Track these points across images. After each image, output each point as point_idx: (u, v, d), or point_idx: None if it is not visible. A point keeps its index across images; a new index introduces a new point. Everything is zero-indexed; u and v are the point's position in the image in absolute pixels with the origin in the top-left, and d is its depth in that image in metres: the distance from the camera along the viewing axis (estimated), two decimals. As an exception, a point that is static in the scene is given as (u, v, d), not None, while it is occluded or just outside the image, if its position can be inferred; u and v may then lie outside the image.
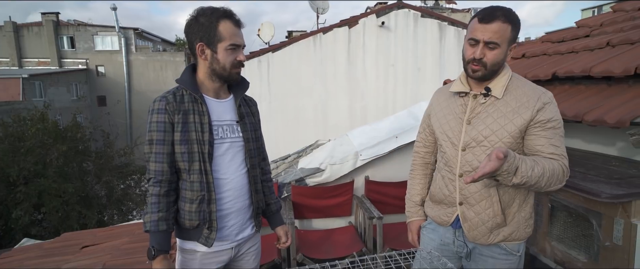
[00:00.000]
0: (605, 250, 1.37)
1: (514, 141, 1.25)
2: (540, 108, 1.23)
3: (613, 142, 1.82)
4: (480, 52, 1.23)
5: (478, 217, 1.32)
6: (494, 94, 1.28)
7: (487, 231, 1.32)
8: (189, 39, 1.36)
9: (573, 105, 1.82)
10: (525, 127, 1.24)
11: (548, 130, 1.23)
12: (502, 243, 1.33)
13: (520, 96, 1.26)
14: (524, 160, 1.11)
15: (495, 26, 1.20)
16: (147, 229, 1.30)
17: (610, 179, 1.43)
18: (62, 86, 19.53)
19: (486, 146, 1.28)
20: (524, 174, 1.09)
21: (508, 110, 1.26)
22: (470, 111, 1.32)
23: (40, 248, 2.59)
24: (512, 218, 1.32)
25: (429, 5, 26.98)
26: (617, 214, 1.31)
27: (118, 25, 20.99)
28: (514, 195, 1.31)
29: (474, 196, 1.32)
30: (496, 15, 1.20)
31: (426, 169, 1.58)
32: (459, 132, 1.33)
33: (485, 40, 1.21)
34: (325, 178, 2.96)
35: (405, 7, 6.97)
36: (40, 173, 8.05)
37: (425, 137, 1.55)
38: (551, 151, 1.21)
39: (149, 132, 1.31)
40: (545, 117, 1.23)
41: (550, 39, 2.78)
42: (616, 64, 1.76)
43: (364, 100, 7.23)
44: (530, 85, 1.30)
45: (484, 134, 1.28)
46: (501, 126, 1.26)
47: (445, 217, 1.41)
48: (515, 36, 1.25)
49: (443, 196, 1.41)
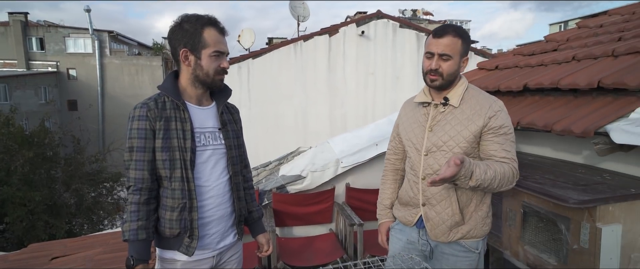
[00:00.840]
0: (573, 253, 1.45)
1: (469, 146, 1.39)
2: (492, 116, 1.37)
3: (579, 151, 1.93)
4: (435, 63, 1.38)
5: (439, 216, 1.45)
6: (452, 103, 1.42)
7: (447, 230, 1.44)
8: (172, 45, 1.35)
9: (543, 115, 1.92)
10: (479, 133, 1.38)
11: (500, 136, 1.37)
12: (461, 241, 1.45)
13: (474, 105, 1.40)
14: (478, 165, 1.24)
15: (446, 40, 1.36)
16: (126, 238, 1.27)
17: (577, 185, 1.52)
18: (30, 89, 18.63)
19: (445, 151, 1.41)
20: (478, 177, 1.22)
21: (464, 117, 1.40)
22: (432, 119, 1.46)
23: (5, 260, 2.45)
24: (469, 217, 1.45)
25: (407, 16, 27.74)
26: (583, 219, 1.39)
27: (92, 27, 20.31)
28: (471, 196, 1.44)
29: (435, 197, 1.44)
30: (447, 30, 1.38)
31: (396, 175, 1.70)
32: (422, 138, 1.47)
33: (438, 52, 1.37)
34: (306, 185, 2.96)
35: (385, 17, 7.13)
36: (4, 181, 7.63)
37: (395, 145, 1.68)
38: (503, 155, 1.35)
39: (130, 139, 1.28)
40: (497, 124, 1.37)
41: (521, 52, 2.92)
42: (581, 77, 1.88)
43: (344, 107, 7.30)
44: (483, 95, 1.45)
45: (443, 140, 1.41)
46: (458, 132, 1.40)
47: (410, 217, 1.54)
48: (466, 49, 1.41)
49: (408, 198, 1.53)
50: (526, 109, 2.11)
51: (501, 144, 1.36)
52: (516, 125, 2.00)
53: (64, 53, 21.01)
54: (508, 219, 1.79)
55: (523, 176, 1.71)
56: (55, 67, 20.83)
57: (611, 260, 1.36)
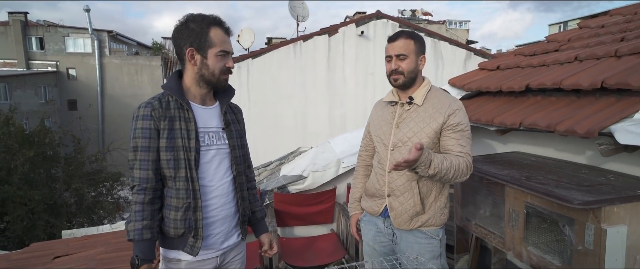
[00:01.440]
0: (578, 254, 1.44)
1: (431, 141, 1.53)
2: (451, 113, 1.52)
3: (583, 152, 1.93)
4: (394, 64, 1.55)
5: (402, 206, 1.58)
6: (416, 102, 1.57)
7: (409, 218, 1.58)
8: (178, 44, 1.35)
9: (545, 116, 1.92)
10: (440, 129, 1.52)
11: (457, 132, 1.51)
12: (422, 228, 1.60)
13: (436, 104, 1.55)
14: (436, 155, 1.40)
15: (400, 42, 1.54)
16: (130, 238, 1.27)
17: (581, 186, 1.51)
18: (30, 88, 18.61)
19: (409, 146, 1.55)
20: (436, 166, 1.37)
21: (426, 115, 1.54)
22: (398, 116, 1.60)
23: (7, 259, 2.44)
24: (429, 207, 1.59)
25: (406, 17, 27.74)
26: (588, 220, 1.39)
27: (91, 27, 20.29)
28: (431, 188, 1.58)
29: (399, 189, 1.58)
30: (400, 34, 1.56)
31: (367, 170, 1.83)
32: (389, 134, 1.61)
33: (395, 54, 1.54)
34: (307, 185, 2.96)
35: (384, 17, 7.13)
36: (4, 180, 7.62)
37: (366, 142, 1.83)
38: (459, 150, 1.49)
39: (134, 138, 1.28)
40: (455, 121, 1.51)
41: (523, 52, 2.92)
42: (584, 77, 1.88)
43: (343, 107, 7.30)
44: (444, 95, 1.60)
45: (407, 136, 1.55)
46: (421, 128, 1.54)
47: (376, 207, 1.67)
48: (420, 48, 1.57)
49: (375, 190, 1.67)
50: (528, 109, 2.11)
51: (457, 140, 1.50)
52: (519, 125, 2.00)
53: (64, 53, 20.98)
54: (511, 219, 1.78)
55: (526, 177, 1.70)
56: (55, 66, 20.80)
57: (616, 261, 1.35)
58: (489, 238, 1.93)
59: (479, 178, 1.97)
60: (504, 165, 1.94)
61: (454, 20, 37.22)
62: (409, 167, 1.35)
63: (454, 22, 37.02)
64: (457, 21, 37.56)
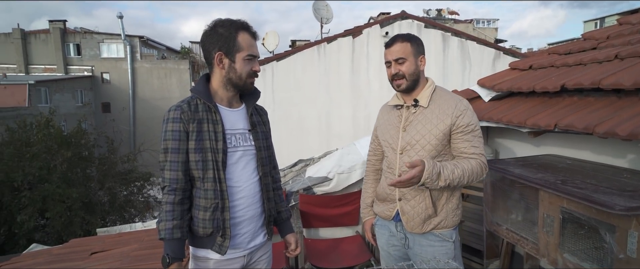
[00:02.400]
0: (619, 262, 1.37)
1: (440, 143, 1.52)
2: (459, 115, 1.50)
3: (624, 155, 1.83)
4: (394, 68, 1.55)
5: (413, 210, 1.58)
6: (421, 104, 1.56)
7: (421, 222, 1.57)
8: (206, 49, 1.38)
9: (583, 117, 1.83)
10: (449, 131, 1.51)
11: (468, 134, 1.51)
12: (435, 231, 1.58)
13: (442, 105, 1.54)
14: (445, 165, 1.39)
15: (396, 47, 1.54)
16: (161, 237, 1.31)
17: (623, 191, 1.44)
18: (68, 92, 19.70)
19: (418, 148, 1.54)
20: (446, 177, 1.37)
21: (433, 117, 1.53)
22: (405, 119, 1.60)
23: (49, 254, 2.60)
24: (441, 209, 1.58)
25: (431, 16, 27.24)
26: (631, 227, 1.31)
27: (124, 33, 21.24)
28: (442, 190, 1.57)
29: (409, 192, 1.58)
30: (395, 39, 1.56)
31: (377, 175, 1.82)
32: (397, 138, 1.60)
33: (393, 59, 1.55)
34: (332, 187, 2.96)
35: (409, 17, 7.04)
36: (45, 178, 8.07)
37: (374, 147, 1.81)
38: (472, 151, 1.49)
39: (164, 141, 1.33)
40: (464, 123, 1.50)
41: (557, 51, 2.80)
42: (626, 76, 1.78)
43: (368, 109, 7.25)
44: (450, 95, 1.58)
45: (415, 139, 1.54)
46: (428, 130, 1.52)
47: (388, 212, 1.67)
48: (418, 50, 1.56)
49: (386, 195, 1.66)
50: (564, 110, 2.02)
51: (470, 142, 1.50)
52: (554, 127, 1.92)
53: (99, 58, 22.08)
54: (545, 225, 1.71)
55: (561, 181, 1.63)
56: (90, 71, 21.93)
57: (662, 271, 1.27)
58: (521, 244, 1.87)
59: (510, 182, 1.91)
60: (538, 168, 1.87)
61: (481, 19, 36.15)
62: (411, 186, 1.37)
63: (482, 20, 35.97)
64: (485, 20, 36.48)
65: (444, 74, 7.21)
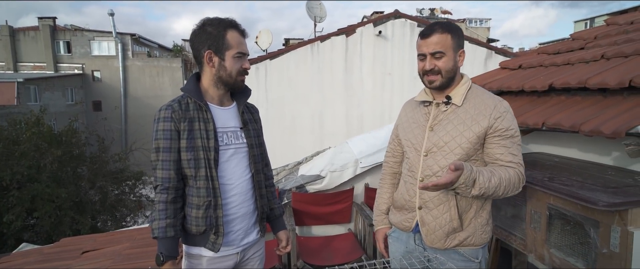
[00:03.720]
0: (603, 257, 1.41)
1: (472, 147, 1.32)
2: (498, 117, 1.31)
3: (609, 152, 1.88)
4: (429, 63, 1.34)
5: (435, 221, 1.37)
6: (454, 102, 1.36)
7: (444, 236, 1.36)
8: (196, 47, 1.38)
9: (570, 115, 1.87)
10: (484, 134, 1.31)
11: (507, 139, 1.31)
12: (459, 249, 1.38)
13: (479, 104, 1.34)
14: (481, 172, 1.19)
15: (435, 38, 1.32)
16: (155, 236, 1.32)
17: (607, 188, 1.47)
18: (58, 90, 19.41)
19: (446, 151, 1.34)
20: (482, 185, 1.17)
21: (467, 117, 1.33)
22: (433, 118, 1.40)
23: (40, 253, 2.57)
24: (468, 223, 1.37)
25: (425, 15, 27.38)
26: (614, 222, 1.35)
27: (115, 30, 20.98)
28: (472, 201, 1.36)
29: (432, 201, 1.37)
30: (434, 28, 1.33)
31: (394, 179, 1.63)
32: (422, 138, 1.40)
33: (430, 52, 1.33)
34: (325, 185, 2.98)
35: (402, 16, 7.08)
36: (34, 178, 7.96)
37: (394, 147, 1.61)
38: (509, 159, 1.29)
39: (156, 140, 1.33)
40: (504, 126, 1.31)
41: (546, 50, 2.85)
42: (611, 76, 1.82)
43: (361, 108, 7.28)
44: (488, 94, 1.39)
45: (444, 140, 1.35)
46: (460, 132, 1.33)
47: (406, 223, 1.47)
48: (459, 43, 1.36)
49: (404, 202, 1.47)
50: (552, 109, 2.06)
51: (508, 148, 1.30)
52: (541, 125, 1.96)
53: (89, 56, 21.78)
54: (532, 221, 1.75)
55: (548, 178, 1.67)
56: (81, 69, 21.63)
57: (643, 265, 1.31)
58: (510, 240, 1.90)
59: (499, 179, 1.94)
60: (526, 166, 1.89)
61: (474, 19, 36.47)
62: (444, 189, 1.17)
63: (474, 20, 36.28)
64: (478, 19, 36.80)
65: (437, 73, 7.24)
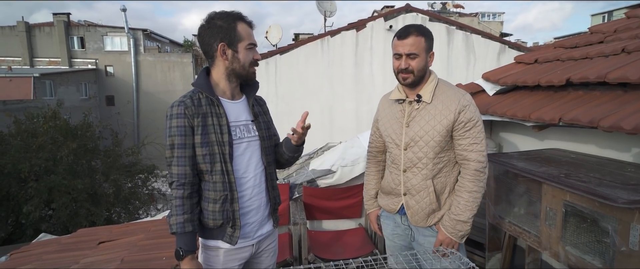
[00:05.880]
0: (621, 255, 1.38)
1: (443, 139, 1.52)
2: (461, 110, 1.49)
3: (628, 149, 1.83)
4: (404, 63, 1.50)
5: (418, 204, 1.60)
6: (424, 99, 1.54)
7: (425, 216, 1.60)
8: (206, 42, 1.38)
9: (588, 111, 1.83)
10: (451, 126, 1.50)
11: (469, 131, 1.50)
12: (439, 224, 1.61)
13: (445, 100, 1.52)
14: (458, 213, 1.51)
15: (410, 40, 1.48)
16: (173, 231, 1.33)
17: (626, 185, 1.44)
18: (72, 85, 19.80)
19: (422, 145, 1.54)
20: (467, 218, 1.51)
21: (436, 112, 1.52)
22: (407, 115, 1.58)
23: (58, 243, 2.65)
24: (444, 203, 1.60)
25: (436, 9, 27.00)
26: (634, 220, 1.32)
27: (127, 26, 21.23)
28: (445, 184, 1.59)
29: (414, 188, 1.59)
30: (409, 31, 1.49)
31: (378, 166, 1.83)
32: (400, 134, 1.59)
33: (405, 52, 1.49)
34: (336, 180, 2.99)
35: (413, 10, 6.99)
36: (51, 170, 8.16)
37: (375, 139, 1.80)
38: (472, 149, 1.50)
39: (170, 137, 1.33)
40: (466, 118, 1.49)
41: (563, 44, 2.79)
42: (632, 70, 1.77)
43: (371, 103, 7.24)
44: (453, 89, 1.56)
45: (419, 135, 1.54)
46: (432, 126, 1.52)
47: (392, 206, 1.70)
48: (430, 45, 1.53)
49: (391, 189, 1.68)
50: (569, 104, 2.02)
51: (469, 138, 1.50)
52: (558, 121, 1.92)
53: (102, 51, 22.13)
54: (547, 218, 1.73)
55: (565, 174, 1.64)
56: (94, 64, 22.00)
57: (664, 264, 1.28)
58: (524, 237, 1.88)
59: (513, 175, 1.92)
60: (541, 162, 1.87)
61: (486, 12, 35.82)
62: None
63: (487, 14, 35.63)
64: (490, 13, 36.13)
65: (449, 68, 7.17)
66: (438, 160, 1.55)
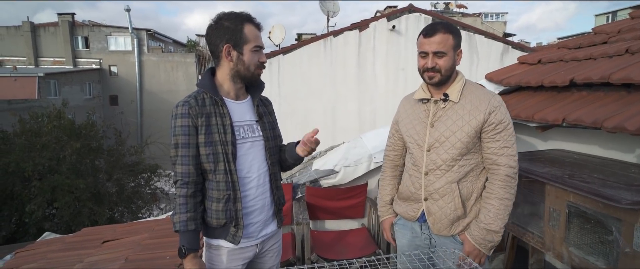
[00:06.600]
0: (625, 256, 1.38)
1: (471, 140, 1.43)
2: (492, 111, 1.41)
3: (632, 150, 1.83)
4: (431, 61, 1.43)
5: (441, 211, 1.48)
6: (451, 98, 1.46)
7: (449, 223, 1.48)
8: (213, 42, 1.39)
9: (591, 111, 1.83)
10: (480, 128, 1.42)
11: (499, 133, 1.42)
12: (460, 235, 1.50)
13: (474, 100, 1.44)
14: (488, 222, 1.40)
15: (437, 38, 1.41)
16: (177, 229, 1.34)
17: (630, 185, 1.44)
18: (76, 84, 19.91)
19: (447, 146, 1.45)
20: (499, 227, 1.40)
21: (464, 112, 1.44)
22: (433, 115, 1.50)
23: (62, 242, 2.66)
24: (470, 210, 1.49)
25: (439, 10, 26.95)
26: (637, 221, 1.32)
27: (131, 26, 21.32)
28: (472, 189, 1.48)
29: (438, 192, 1.48)
30: (437, 28, 1.42)
31: (395, 171, 1.73)
32: (423, 134, 1.51)
33: (432, 51, 1.42)
34: (339, 180, 2.99)
35: (416, 11, 6.98)
36: (54, 169, 8.21)
37: (394, 142, 1.71)
38: (502, 152, 1.41)
39: (174, 136, 1.35)
40: (497, 120, 1.41)
41: (566, 45, 2.78)
42: (636, 71, 1.77)
43: (374, 103, 7.24)
44: (481, 90, 1.49)
45: (445, 135, 1.45)
46: (459, 127, 1.43)
47: (412, 212, 1.58)
48: (458, 43, 1.45)
49: (410, 193, 1.57)
50: (573, 105, 2.02)
51: (500, 141, 1.42)
52: (562, 121, 1.92)
53: (106, 51, 22.24)
54: (551, 219, 1.72)
55: (568, 175, 1.64)
56: (98, 64, 22.10)
57: (668, 265, 1.28)
58: (527, 238, 1.88)
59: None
60: (545, 163, 1.87)
61: (490, 13, 35.71)
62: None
63: (490, 14, 35.52)
64: (494, 13, 36.01)
65: (451, 69, 7.14)
66: (464, 162, 1.45)
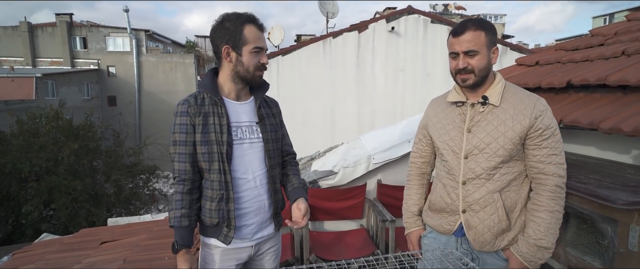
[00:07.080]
0: (621, 256, 1.39)
1: (515, 147, 1.30)
2: (538, 116, 1.28)
3: (628, 151, 1.84)
4: (462, 62, 1.30)
5: (483, 224, 1.34)
6: (492, 101, 1.33)
7: (493, 237, 1.34)
8: (215, 43, 1.41)
9: (588, 113, 1.84)
10: (525, 134, 1.29)
11: (547, 139, 1.29)
12: (509, 248, 1.36)
13: (517, 103, 1.31)
14: (539, 242, 1.27)
15: (468, 36, 1.28)
16: (171, 225, 1.36)
17: (626, 186, 1.45)
18: (74, 85, 19.84)
19: (488, 153, 1.31)
20: (550, 247, 1.29)
21: (506, 117, 1.31)
22: (470, 119, 1.36)
23: (60, 243, 2.66)
24: (515, 222, 1.35)
25: (438, 11, 27.01)
26: (632, 221, 1.33)
27: (130, 26, 21.28)
28: (516, 199, 1.35)
29: (478, 203, 1.34)
30: (466, 26, 1.30)
31: (422, 179, 1.61)
32: (460, 140, 1.37)
33: (462, 50, 1.29)
34: (338, 181, 3.00)
35: (415, 12, 7.01)
36: (52, 170, 8.18)
37: (421, 147, 1.58)
38: (550, 160, 1.29)
39: (173, 134, 1.37)
40: (544, 125, 1.29)
41: (564, 47, 2.80)
42: (632, 73, 1.79)
43: (373, 104, 7.26)
44: (524, 92, 1.36)
45: (485, 142, 1.32)
46: (502, 133, 1.30)
47: (447, 226, 1.43)
48: (492, 40, 1.31)
49: (444, 205, 1.43)
50: (570, 106, 2.03)
51: (548, 148, 1.29)
52: (559, 123, 1.93)
53: (105, 51, 22.17)
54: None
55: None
56: (96, 64, 22.04)
57: (663, 265, 1.29)
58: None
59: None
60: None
61: (488, 14, 35.83)
62: None
63: (489, 15, 35.64)
64: (492, 15, 36.14)
65: (450, 70, 7.17)
66: (506, 170, 1.32)
